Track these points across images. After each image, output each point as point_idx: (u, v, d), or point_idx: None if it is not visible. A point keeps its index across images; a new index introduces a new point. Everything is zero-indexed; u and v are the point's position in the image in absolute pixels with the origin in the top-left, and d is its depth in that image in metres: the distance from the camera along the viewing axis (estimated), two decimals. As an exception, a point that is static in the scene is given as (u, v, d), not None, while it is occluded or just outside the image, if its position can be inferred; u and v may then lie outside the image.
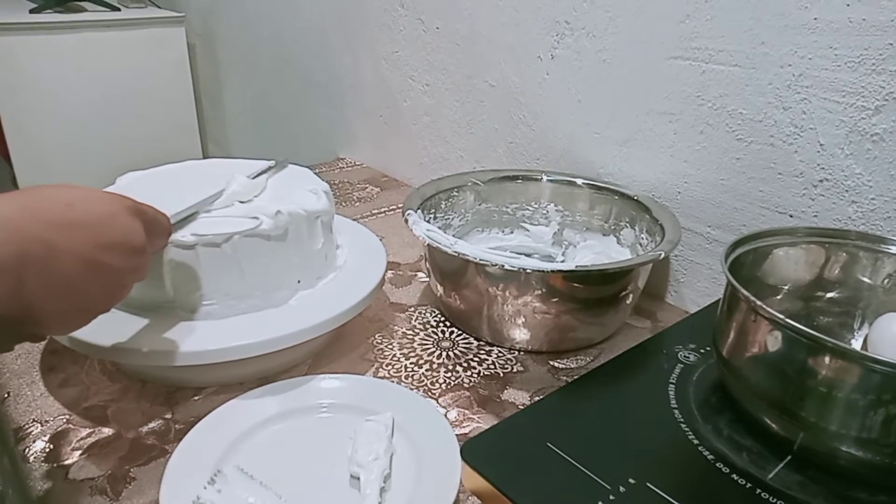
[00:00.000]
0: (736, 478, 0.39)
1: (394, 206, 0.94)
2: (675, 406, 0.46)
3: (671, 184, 0.66)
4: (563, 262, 0.72)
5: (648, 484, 0.38)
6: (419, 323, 0.64)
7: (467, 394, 0.54)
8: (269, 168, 0.62)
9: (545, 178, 0.74)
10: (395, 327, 0.63)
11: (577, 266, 0.54)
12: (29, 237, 0.33)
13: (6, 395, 0.51)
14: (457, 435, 0.45)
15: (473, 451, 0.41)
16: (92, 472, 0.44)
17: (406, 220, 0.60)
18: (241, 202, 0.55)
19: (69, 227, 0.36)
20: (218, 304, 0.51)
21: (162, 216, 0.45)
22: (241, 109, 1.56)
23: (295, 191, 0.58)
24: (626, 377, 0.50)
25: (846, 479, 0.39)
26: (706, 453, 0.41)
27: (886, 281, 0.49)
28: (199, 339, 0.49)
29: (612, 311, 0.59)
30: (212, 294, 0.51)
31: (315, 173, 0.64)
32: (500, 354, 0.59)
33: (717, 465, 0.40)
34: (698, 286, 0.67)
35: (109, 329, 0.49)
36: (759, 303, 0.39)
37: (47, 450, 0.46)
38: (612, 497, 0.37)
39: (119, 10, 1.56)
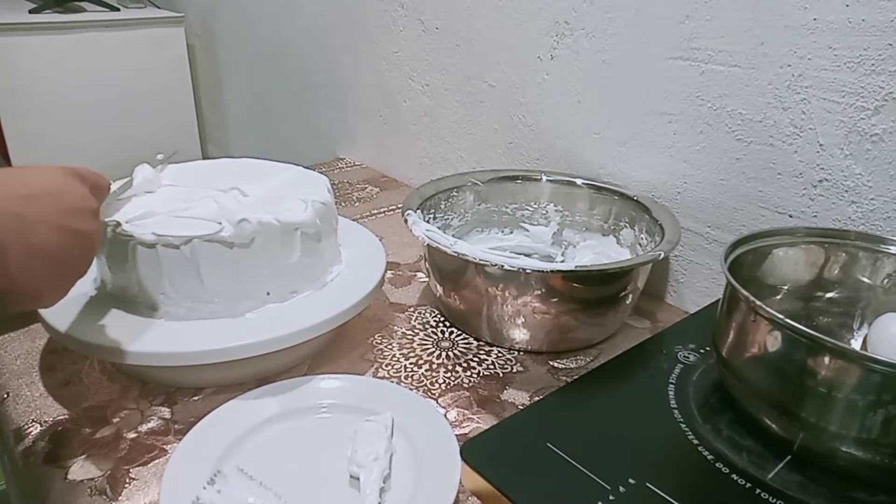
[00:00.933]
0: (736, 478, 0.39)
1: (393, 206, 0.94)
2: (675, 406, 0.46)
3: (671, 184, 0.66)
4: (562, 262, 0.72)
5: (648, 484, 0.38)
6: (419, 323, 0.64)
7: (467, 394, 0.54)
8: (167, 157, 0.62)
9: (545, 178, 0.74)
10: (395, 327, 0.63)
11: (576, 266, 0.54)
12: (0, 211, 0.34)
13: (6, 395, 0.51)
14: (456, 435, 0.45)
15: (473, 451, 0.41)
16: (92, 472, 0.44)
17: (406, 221, 0.60)
18: (148, 192, 0.56)
19: (32, 198, 0.37)
20: (179, 307, 0.51)
21: (99, 176, 0.46)
22: (240, 109, 1.56)
23: (288, 197, 0.55)
24: (625, 377, 0.50)
25: (846, 479, 0.39)
26: (706, 453, 0.41)
27: (886, 281, 0.49)
28: (199, 340, 0.49)
29: (611, 312, 0.59)
30: (172, 295, 0.50)
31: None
32: (499, 354, 0.59)
33: (717, 465, 0.40)
34: (698, 286, 0.67)
35: (109, 329, 0.49)
36: (758, 303, 0.39)
37: (47, 450, 0.46)
38: (612, 497, 0.37)
39: (118, 10, 1.56)
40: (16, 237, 0.34)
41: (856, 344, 0.49)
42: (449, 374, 0.56)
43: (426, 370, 0.56)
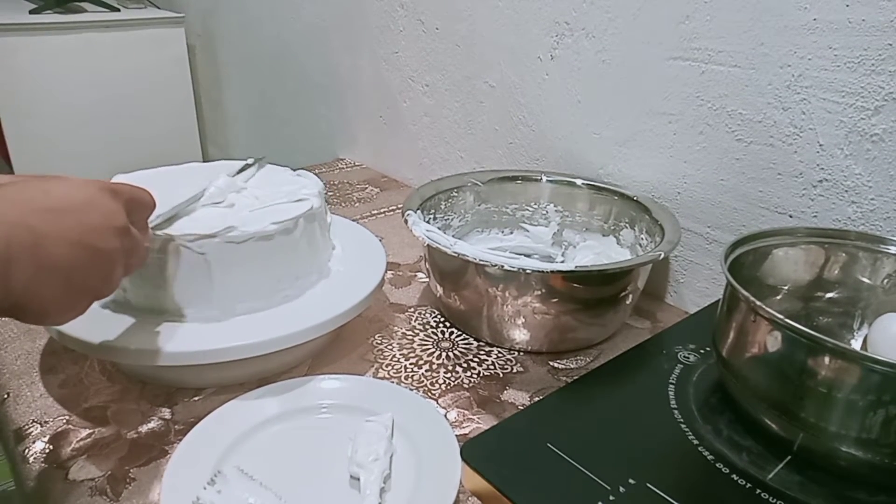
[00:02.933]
0: (736, 478, 0.39)
1: (393, 207, 0.94)
2: (675, 406, 0.46)
3: (671, 184, 0.66)
4: (562, 262, 0.72)
5: (648, 484, 0.38)
6: (419, 323, 0.64)
7: (467, 394, 0.54)
8: (247, 166, 0.61)
9: (545, 178, 0.74)
10: (395, 328, 0.63)
11: (576, 266, 0.54)
12: (11, 223, 0.33)
13: (6, 396, 0.51)
14: (457, 435, 0.45)
15: (473, 451, 0.41)
16: (92, 472, 0.44)
17: (406, 221, 0.60)
18: (216, 202, 0.54)
19: (51, 212, 0.35)
20: (290, 289, 0.53)
21: (141, 192, 0.44)
22: (240, 110, 1.56)
23: (286, 181, 0.59)
24: (625, 377, 0.50)
25: (846, 479, 0.39)
26: (706, 453, 0.41)
27: (886, 281, 0.49)
28: (199, 340, 0.49)
29: (611, 312, 0.59)
30: (283, 278, 0.53)
31: (315, 174, 0.63)
32: (499, 355, 0.59)
33: (717, 465, 0.40)
34: (698, 286, 0.67)
35: (109, 329, 0.49)
36: (758, 303, 0.39)
37: (47, 450, 0.46)
38: (612, 497, 0.37)
39: (119, 10, 1.56)
40: (25, 251, 0.33)
41: (856, 344, 0.49)
42: (449, 375, 0.56)
43: (426, 370, 0.56)
